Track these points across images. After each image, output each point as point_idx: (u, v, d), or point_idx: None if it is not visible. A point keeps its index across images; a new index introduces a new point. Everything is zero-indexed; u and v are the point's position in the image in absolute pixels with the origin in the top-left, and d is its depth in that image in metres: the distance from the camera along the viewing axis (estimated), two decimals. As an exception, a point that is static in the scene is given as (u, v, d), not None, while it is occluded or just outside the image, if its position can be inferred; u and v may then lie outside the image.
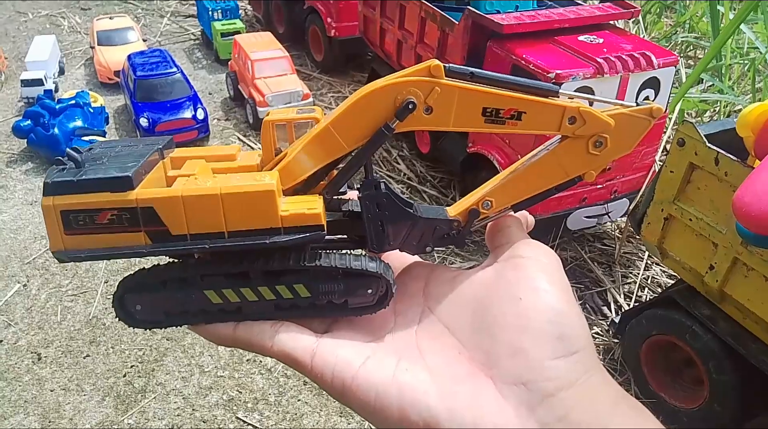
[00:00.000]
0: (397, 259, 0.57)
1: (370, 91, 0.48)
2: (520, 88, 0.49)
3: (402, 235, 0.53)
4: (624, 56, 2.33)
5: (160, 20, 5.31)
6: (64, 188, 0.46)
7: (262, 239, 0.47)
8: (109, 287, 2.52)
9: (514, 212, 0.55)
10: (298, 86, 3.60)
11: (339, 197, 0.55)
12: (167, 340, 2.27)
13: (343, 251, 0.53)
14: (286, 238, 0.47)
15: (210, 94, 4.09)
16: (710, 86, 3.60)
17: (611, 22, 2.67)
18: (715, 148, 1.65)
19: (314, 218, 0.47)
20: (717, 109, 3.61)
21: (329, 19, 4.06)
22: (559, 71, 2.23)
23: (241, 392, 2.08)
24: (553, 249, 0.51)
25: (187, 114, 3.39)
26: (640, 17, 4.22)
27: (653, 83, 2.44)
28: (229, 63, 4.01)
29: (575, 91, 2.26)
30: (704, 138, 1.67)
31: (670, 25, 4.56)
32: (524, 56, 2.35)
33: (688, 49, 4.41)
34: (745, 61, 3.49)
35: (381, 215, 0.53)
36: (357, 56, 4.29)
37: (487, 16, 2.49)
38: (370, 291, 0.51)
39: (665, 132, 2.94)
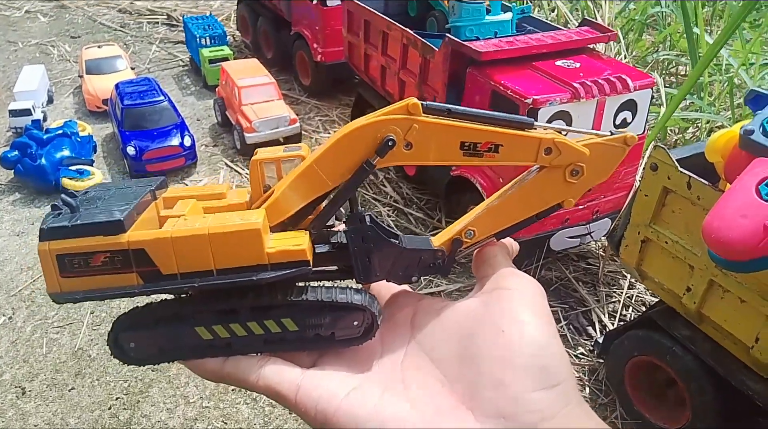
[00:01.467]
0: (385, 288, 0.60)
1: (351, 130, 0.50)
2: (497, 122, 0.51)
3: (387, 265, 0.55)
4: (600, 80, 2.37)
5: (149, 47, 5.36)
6: (59, 233, 0.48)
7: (250, 276, 0.49)
8: (94, 318, 2.52)
9: (497, 240, 0.57)
10: (284, 112, 3.64)
11: (328, 229, 0.57)
12: (152, 371, 2.26)
13: (329, 284, 0.54)
14: (272, 274, 0.49)
15: (198, 120, 4.13)
16: (690, 104, 3.65)
17: (589, 46, 2.72)
18: (687, 172, 1.68)
19: (300, 254, 0.49)
20: (698, 125, 3.66)
21: (315, 45, 4.12)
22: (536, 97, 2.27)
23: (226, 423, 2.08)
24: (537, 270, 0.56)
25: (175, 142, 3.42)
26: (620, 36, 4.29)
27: (630, 105, 2.48)
28: (217, 89, 4.05)
29: (553, 115, 2.29)
30: (676, 163, 1.70)
31: (651, 42, 4.64)
32: (502, 82, 2.39)
33: (670, 66, 4.48)
34: (724, 79, 3.55)
35: (367, 247, 0.55)
36: (343, 80, 4.34)
37: (466, 43, 2.53)
38: (356, 323, 0.52)
39: (645, 151, 2.98)
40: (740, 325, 1.69)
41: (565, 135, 0.54)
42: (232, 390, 2.17)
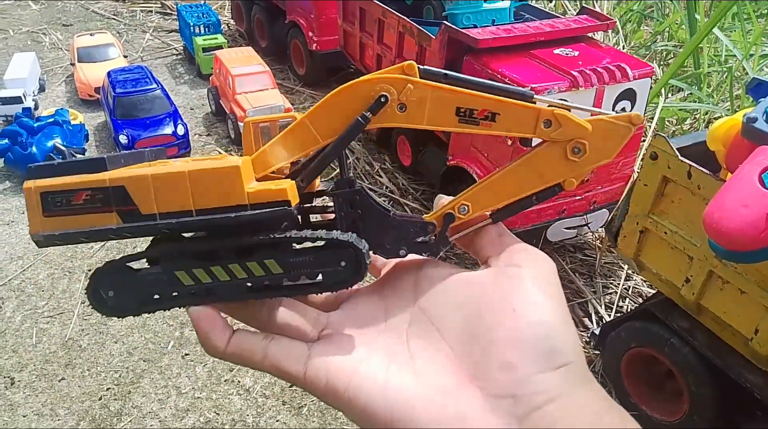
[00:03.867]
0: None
1: (345, 86, 0.49)
2: (495, 91, 0.49)
3: (374, 235, 0.52)
4: (599, 69, 2.34)
5: (143, 36, 5.30)
6: (45, 171, 0.49)
7: (228, 215, 0.47)
8: (85, 308, 2.49)
9: (494, 222, 0.53)
10: (279, 101, 3.59)
11: (324, 205, 0.56)
12: (144, 361, 2.23)
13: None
14: (251, 212, 0.47)
15: (191, 109, 4.08)
16: (689, 94, 3.62)
17: (587, 34, 2.68)
18: (687, 161, 1.65)
19: (280, 194, 0.47)
20: (697, 116, 3.64)
21: (310, 34, 4.07)
22: (534, 85, 2.24)
23: (218, 414, 2.05)
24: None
25: (167, 130, 3.37)
26: (619, 27, 4.26)
27: (629, 95, 2.45)
28: (211, 78, 4.00)
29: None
30: (676, 151, 1.67)
31: (650, 33, 4.60)
32: (500, 70, 2.35)
33: (668, 57, 4.45)
34: (723, 69, 3.52)
35: (354, 214, 0.52)
36: (339, 69, 4.29)
37: (463, 30, 2.49)
38: (343, 263, 0.49)
39: (643, 141, 2.95)
40: (739, 317, 1.67)
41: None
42: (225, 380, 2.14)
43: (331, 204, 0.54)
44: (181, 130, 3.40)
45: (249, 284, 0.50)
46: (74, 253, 2.76)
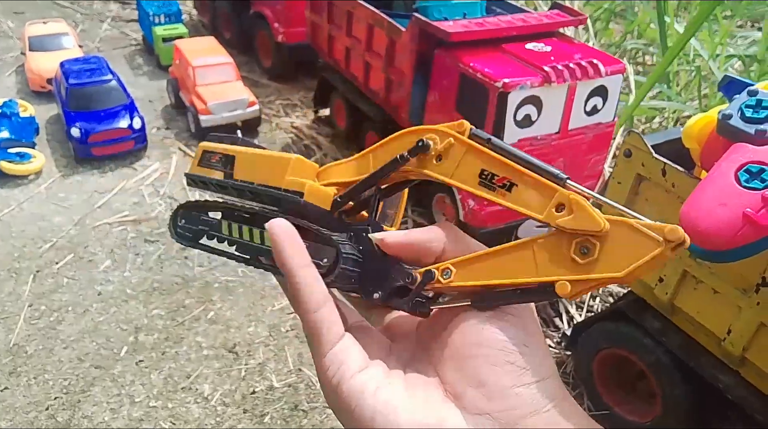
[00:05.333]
0: None
1: (406, 131, 0.52)
2: (526, 165, 0.45)
3: (365, 273, 0.53)
4: (571, 65, 2.30)
5: (100, 25, 5.08)
6: (215, 139, 0.66)
7: (266, 190, 0.57)
8: (33, 311, 2.33)
9: (473, 305, 0.47)
10: (243, 94, 3.46)
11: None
12: (95, 368, 2.10)
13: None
14: (275, 191, 0.56)
15: (150, 101, 3.91)
16: (658, 93, 3.63)
17: (559, 30, 2.64)
18: (662, 158, 1.61)
19: (301, 187, 0.54)
20: (666, 115, 3.65)
21: (277, 25, 3.95)
22: (506, 80, 2.18)
23: (175, 423, 1.94)
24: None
25: (123, 123, 3.21)
26: (590, 24, 4.25)
27: (601, 91, 2.41)
28: (170, 69, 3.83)
29: (522, 100, 2.20)
30: (651, 149, 1.63)
31: (620, 32, 4.62)
32: (471, 65, 2.29)
33: (637, 56, 4.47)
34: (692, 68, 3.54)
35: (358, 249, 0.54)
36: (307, 63, 4.17)
37: (434, 23, 2.42)
38: (324, 260, 0.51)
39: (614, 139, 2.93)
40: (712, 317, 1.64)
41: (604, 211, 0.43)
42: (182, 388, 2.02)
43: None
44: (137, 124, 3.24)
45: (259, 251, 0.57)
46: (22, 254, 2.60)
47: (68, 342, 2.19)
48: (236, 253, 0.59)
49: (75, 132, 3.13)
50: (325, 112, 3.78)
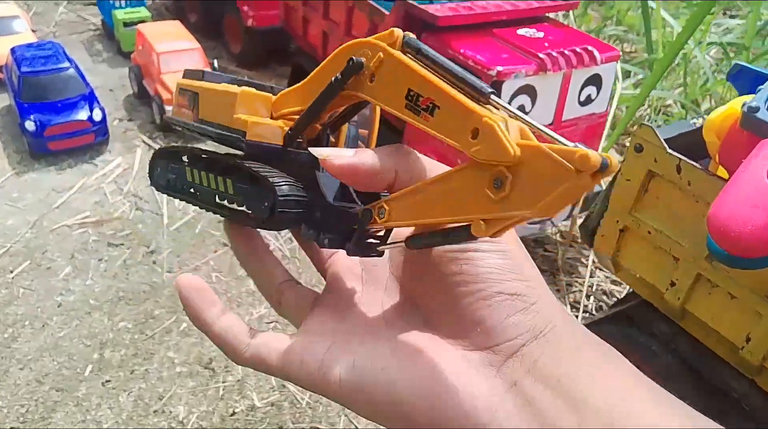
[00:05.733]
0: None
1: (340, 49, 0.45)
2: (453, 79, 0.38)
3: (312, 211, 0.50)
4: (566, 52, 2.17)
5: (55, 8, 4.75)
6: (186, 75, 0.59)
7: (210, 130, 0.53)
8: (-16, 326, 2.11)
9: (409, 243, 0.43)
10: (212, 82, 3.24)
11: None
12: (57, 391, 1.90)
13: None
14: (220, 131, 0.52)
15: (111, 90, 3.65)
16: (641, 79, 3.54)
17: (549, 14, 2.51)
18: (676, 154, 1.49)
19: (243, 125, 0.50)
20: (650, 103, 3.57)
21: (246, 8, 3.72)
22: (500, 68, 2.04)
23: (147, 449, 1.76)
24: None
25: (82, 115, 2.97)
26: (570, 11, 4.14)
27: (595, 80, 2.29)
28: (132, 56, 3.58)
29: (517, 90, 2.05)
30: (664, 143, 1.51)
31: (598, 18, 4.52)
32: (462, 51, 2.13)
33: (616, 43, 4.38)
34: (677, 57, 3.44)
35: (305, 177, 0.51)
36: (279, 48, 3.96)
37: (420, 6, 2.25)
38: (266, 203, 0.48)
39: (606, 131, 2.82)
40: (729, 324, 1.54)
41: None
42: (154, 411, 1.84)
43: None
44: (97, 115, 3.00)
45: (216, 196, 0.54)
46: (-30, 260, 2.36)
47: (25, 362, 1.98)
48: (198, 201, 0.57)
49: (29, 125, 2.88)
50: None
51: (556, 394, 0.37)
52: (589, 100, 2.33)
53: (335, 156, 0.42)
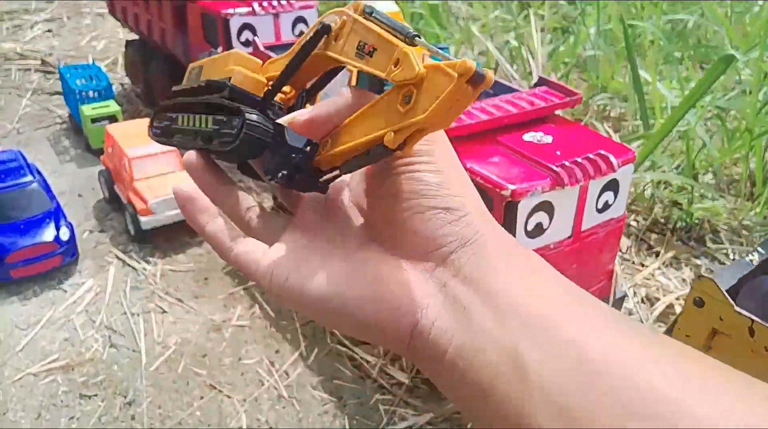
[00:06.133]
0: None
1: (318, 20, 0.53)
2: (391, 29, 0.46)
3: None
4: (581, 160, 1.99)
5: (19, 101, 4.51)
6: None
7: (207, 81, 0.62)
8: None
9: (342, 169, 0.50)
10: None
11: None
12: None
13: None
14: (208, 81, 0.62)
15: (79, 196, 3.38)
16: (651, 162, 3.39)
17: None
18: (747, 315, 1.28)
19: (229, 74, 0.58)
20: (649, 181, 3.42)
21: (222, 100, 3.53)
22: (513, 187, 1.84)
23: None
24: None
25: (48, 235, 2.69)
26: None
27: (612, 185, 2.11)
28: (102, 157, 3.34)
29: (533, 208, 1.89)
30: (731, 301, 1.31)
31: (577, 82, 4.44)
32: (471, 167, 1.94)
33: (604, 111, 4.28)
34: (677, 131, 3.32)
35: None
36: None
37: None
38: (235, 129, 0.54)
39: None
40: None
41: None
42: None
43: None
44: (65, 234, 2.73)
45: (197, 135, 0.61)
46: None
47: None
48: (182, 142, 0.64)
49: (-13, 251, 2.60)
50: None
51: (476, 292, 0.44)
52: (606, 206, 2.14)
53: (298, 115, 0.50)
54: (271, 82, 0.58)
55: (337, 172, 0.51)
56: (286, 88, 0.59)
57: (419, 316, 0.44)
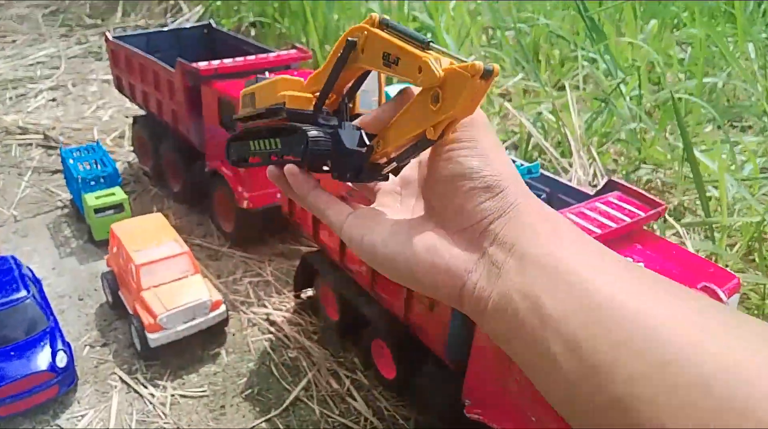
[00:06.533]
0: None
1: (342, 37, 0.66)
2: (407, 38, 0.60)
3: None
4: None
5: (18, 181, 4.21)
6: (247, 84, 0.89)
7: (266, 109, 0.79)
8: None
9: (395, 164, 0.68)
10: (203, 294, 2.65)
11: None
12: None
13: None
14: (270, 107, 0.77)
15: (80, 299, 3.03)
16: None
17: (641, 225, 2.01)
18: None
19: (283, 98, 0.74)
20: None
21: (240, 189, 3.21)
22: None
23: None
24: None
25: (42, 362, 2.33)
26: (593, 151, 3.74)
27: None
28: (107, 258, 3.01)
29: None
30: None
31: (617, 156, 4.13)
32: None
33: (647, 185, 3.96)
34: (741, 224, 2.97)
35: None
36: (276, 226, 3.45)
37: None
38: (302, 146, 0.70)
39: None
40: None
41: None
42: None
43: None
44: (62, 361, 2.36)
45: (270, 155, 0.80)
46: None
47: None
48: (260, 159, 0.83)
49: (-30, 388, 2.23)
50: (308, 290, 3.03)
51: (508, 253, 0.56)
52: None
53: (364, 118, 0.73)
54: (316, 94, 0.74)
55: (394, 164, 0.68)
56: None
57: (465, 280, 0.58)
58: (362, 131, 0.70)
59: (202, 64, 3.15)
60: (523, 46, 4.40)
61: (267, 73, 0.83)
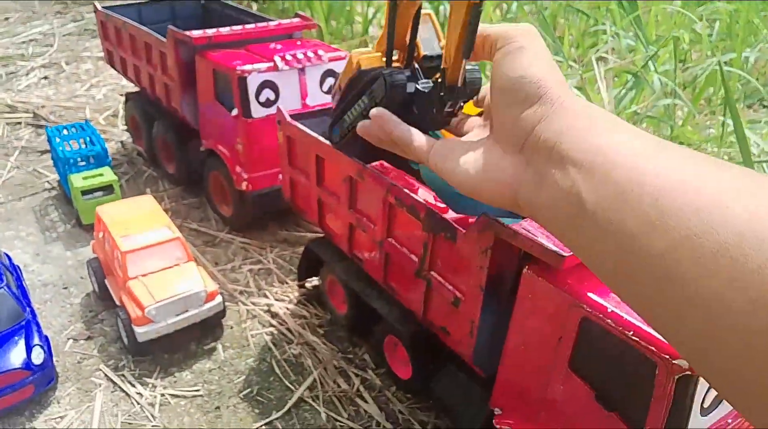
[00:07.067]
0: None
1: None
2: None
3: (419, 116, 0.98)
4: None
5: (4, 162, 3.95)
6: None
7: (355, 76, 1.09)
8: None
9: (464, 55, 0.84)
10: (197, 284, 2.39)
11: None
12: None
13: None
14: (354, 72, 1.07)
15: (65, 288, 2.79)
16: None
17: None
18: None
19: (357, 62, 1.05)
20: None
21: (238, 169, 2.95)
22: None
23: None
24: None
25: (16, 359, 2.08)
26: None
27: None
28: (92, 243, 2.75)
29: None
30: None
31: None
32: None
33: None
34: None
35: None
36: (277, 210, 3.18)
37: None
38: (384, 85, 0.96)
39: None
40: None
41: None
42: None
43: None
44: (38, 357, 2.12)
45: (363, 111, 1.00)
46: None
47: None
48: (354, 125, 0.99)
49: (-67, 388, 1.99)
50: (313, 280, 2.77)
51: (548, 155, 0.63)
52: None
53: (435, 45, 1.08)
54: (383, 52, 1.02)
55: (460, 104, 0.94)
56: (396, 57, 1.02)
57: (515, 192, 0.68)
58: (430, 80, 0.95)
59: (196, 33, 2.87)
60: (545, 18, 4.09)
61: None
